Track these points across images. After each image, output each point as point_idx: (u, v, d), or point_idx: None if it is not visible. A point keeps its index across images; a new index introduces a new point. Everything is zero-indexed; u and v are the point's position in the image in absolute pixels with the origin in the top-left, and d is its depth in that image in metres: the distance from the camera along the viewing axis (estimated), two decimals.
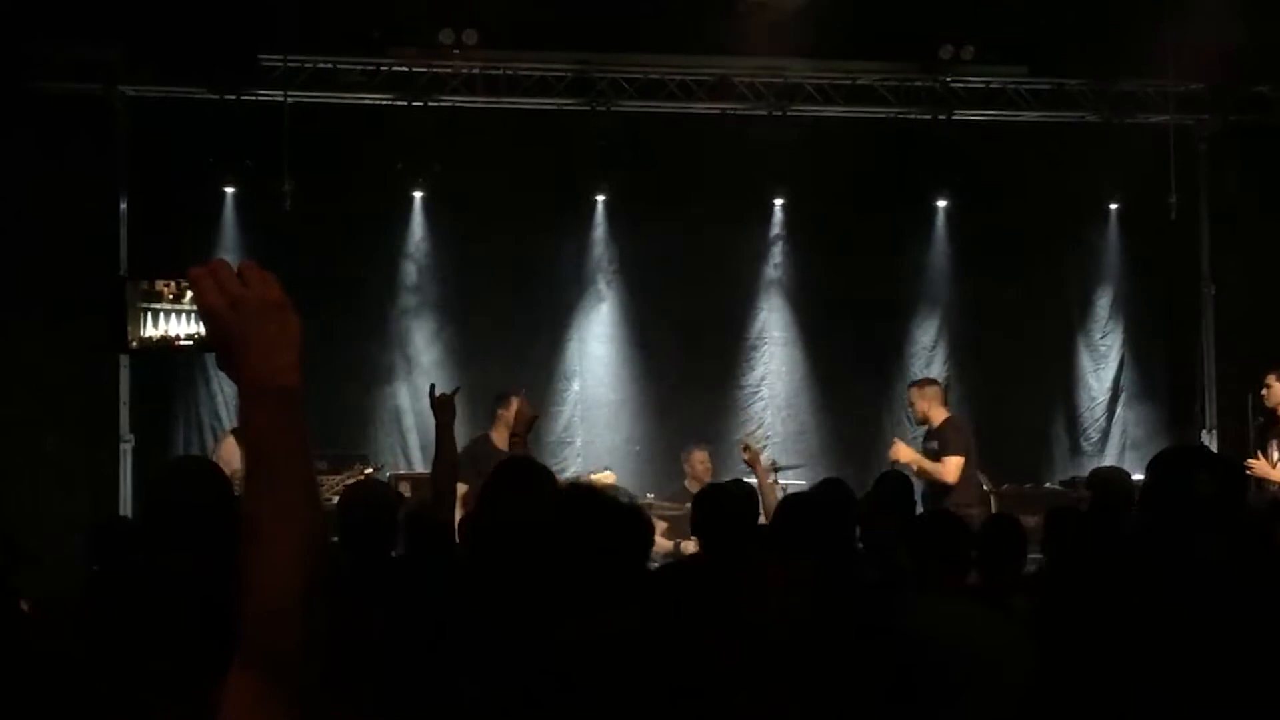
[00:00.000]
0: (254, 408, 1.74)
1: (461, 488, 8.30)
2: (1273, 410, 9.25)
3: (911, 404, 9.91)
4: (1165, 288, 12.47)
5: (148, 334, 1.88)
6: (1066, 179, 11.72)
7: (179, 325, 1.89)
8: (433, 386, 5.92)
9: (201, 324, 1.81)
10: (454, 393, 5.78)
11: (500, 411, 9.27)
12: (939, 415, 9.49)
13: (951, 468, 9.06)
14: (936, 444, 9.30)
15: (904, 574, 4.35)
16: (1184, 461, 2.63)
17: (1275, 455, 9.05)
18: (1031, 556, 5.13)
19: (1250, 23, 10.26)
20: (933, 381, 10.19)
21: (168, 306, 1.90)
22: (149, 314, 1.88)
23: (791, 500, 3.92)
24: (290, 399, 1.75)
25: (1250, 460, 8.91)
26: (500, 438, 8.87)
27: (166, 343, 1.89)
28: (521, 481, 4.19)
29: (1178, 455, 2.73)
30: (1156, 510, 2.52)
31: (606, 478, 9.64)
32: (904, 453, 9.33)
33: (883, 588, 3.77)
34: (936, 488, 9.02)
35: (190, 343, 1.88)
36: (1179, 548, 2.40)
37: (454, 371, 11.49)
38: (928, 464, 9.15)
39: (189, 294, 1.85)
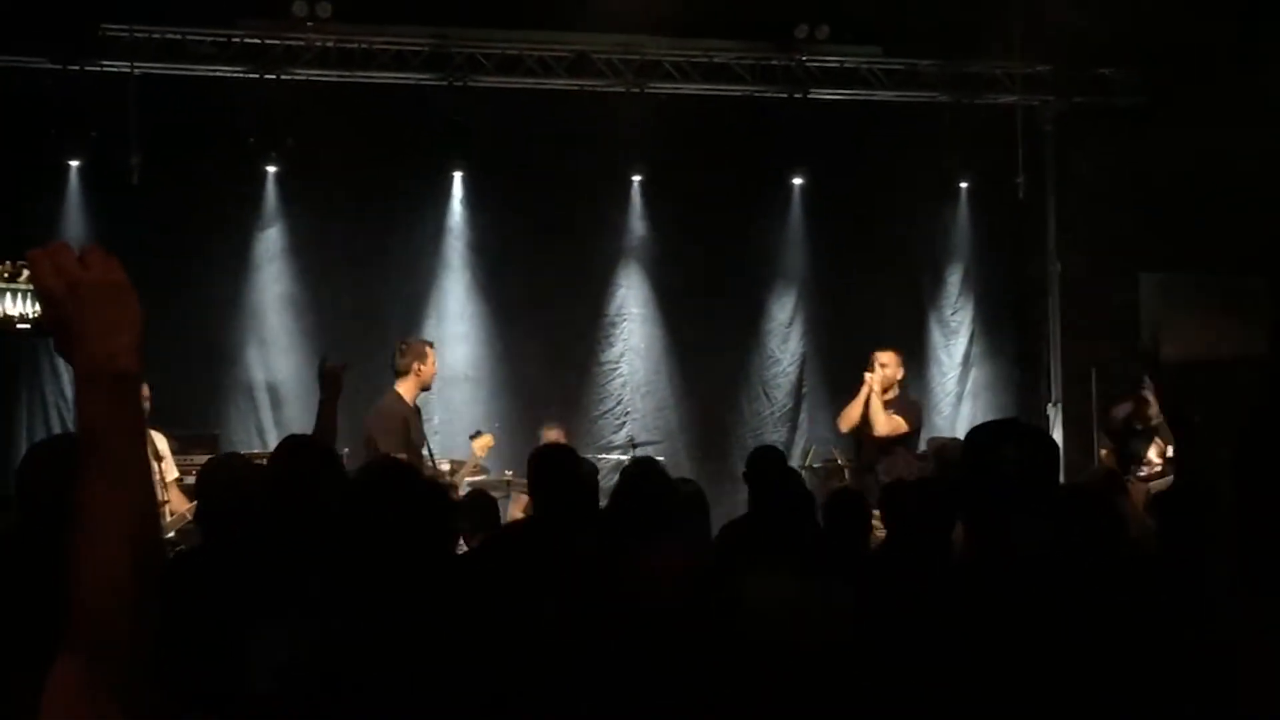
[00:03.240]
0: (88, 393, 1.72)
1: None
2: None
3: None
4: (1013, 265, 12.78)
5: None
6: (918, 158, 11.90)
7: (15, 305, 1.85)
8: (324, 359, 5.74)
9: (39, 305, 1.78)
10: (343, 368, 5.60)
11: (416, 365, 8.89)
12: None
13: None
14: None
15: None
16: (994, 436, 2.70)
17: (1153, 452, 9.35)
18: None
19: (1094, 7, 10.53)
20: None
21: (1, 286, 1.85)
22: None
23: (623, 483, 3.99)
24: (126, 384, 1.73)
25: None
26: (410, 393, 8.76)
27: (3, 323, 1.85)
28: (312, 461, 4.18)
29: (987, 430, 2.80)
30: (969, 486, 2.59)
31: (484, 440, 9.61)
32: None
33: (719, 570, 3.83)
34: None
35: (27, 325, 1.84)
36: (990, 524, 2.47)
37: (308, 348, 11.36)
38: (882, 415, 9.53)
39: (24, 273, 1.81)
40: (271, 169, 11.33)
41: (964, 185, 12.57)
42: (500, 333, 11.75)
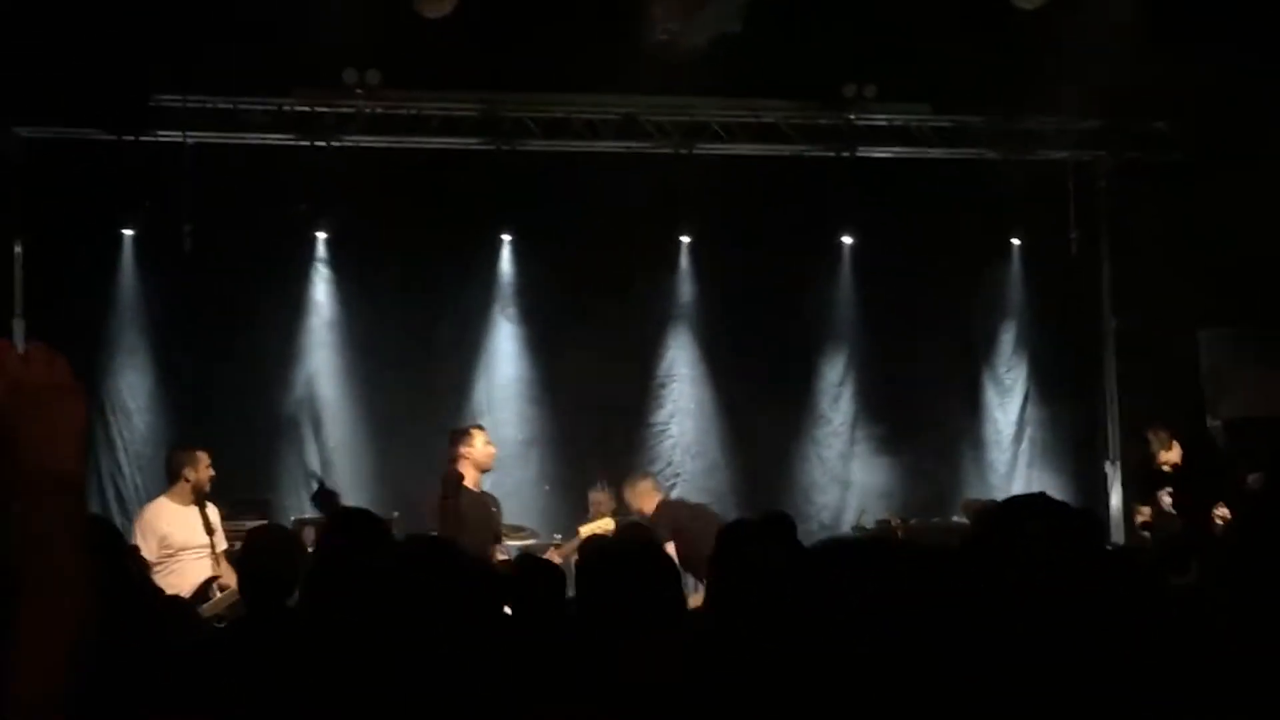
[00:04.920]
0: (30, 499, 1.67)
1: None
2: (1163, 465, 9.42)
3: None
4: (1068, 321, 12.60)
5: None
6: (969, 215, 11.81)
7: None
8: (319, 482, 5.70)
9: None
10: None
11: (463, 450, 8.42)
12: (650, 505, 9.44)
13: None
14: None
15: None
16: (1015, 513, 2.61)
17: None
18: None
19: (1145, 61, 10.43)
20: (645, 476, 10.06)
21: None
22: None
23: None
24: (68, 489, 1.68)
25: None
26: (470, 477, 8.53)
27: None
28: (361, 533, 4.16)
29: (1009, 506, 2.71)
30: (980, 562, 2.51)
31: (605, 525, 9.38)
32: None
33: None
34: None
35: None
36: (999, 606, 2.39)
37: (360, 411, 11.43)
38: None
39: None
40: (322, 235, 11.44)
41: (1016, 242, 12.47)
42: (549, 394, 11.74)
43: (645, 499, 9.58)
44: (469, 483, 8.33)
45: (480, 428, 8.79)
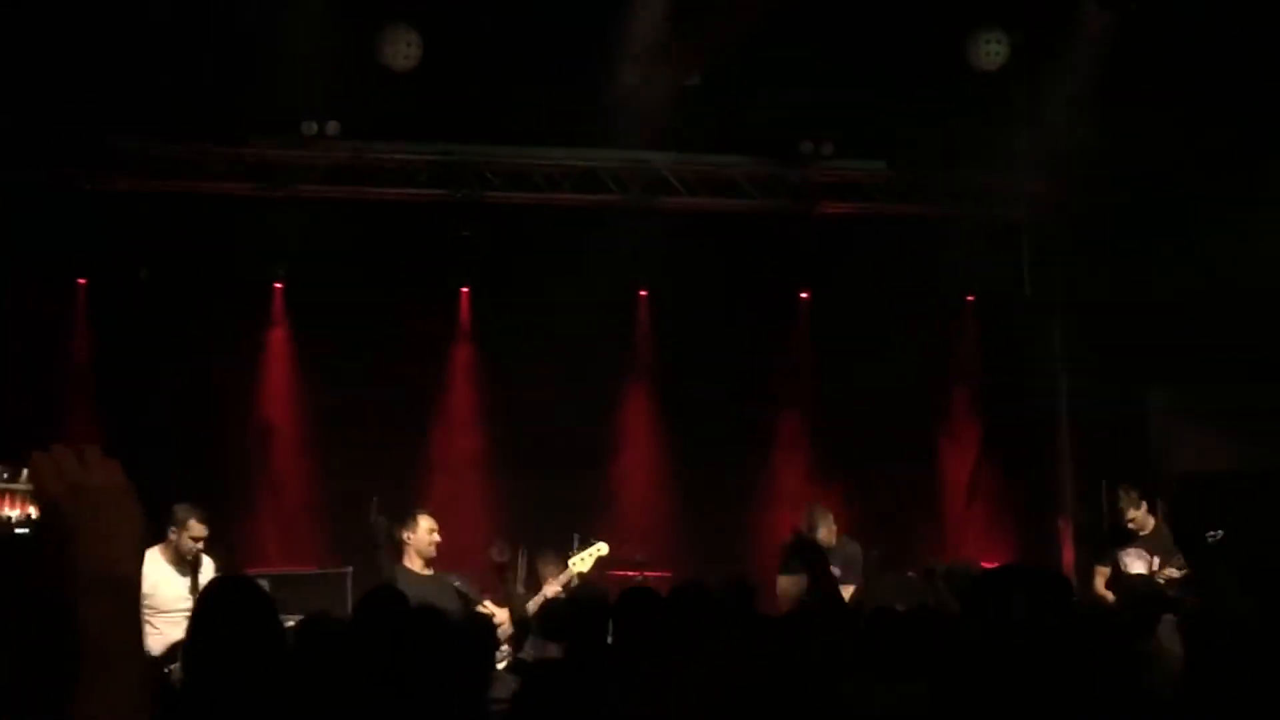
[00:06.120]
0: (88, 598, 1.68)
1: None
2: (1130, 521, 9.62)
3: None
4: (1021, 377, 12.68)
5: None
6: (925, 271, 11.87)
7: (9, 508, 1.81)
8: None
9: (35, 509, 1.75)
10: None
11: (405, 535, 8.39)
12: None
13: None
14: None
15: None
16: (1002, 584, 2.64)
17: (1140, 566, 9.31)
18: None
19: (1099, 123, 10.57)
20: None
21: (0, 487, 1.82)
22: None
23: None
24: (127, 589, 1.70)
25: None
26: (415, 563, 8.37)
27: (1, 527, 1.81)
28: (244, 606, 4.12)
29: (995, 578, 2.74)
30: (974, 636, 2.53)
31: (599, 550, 9.39)
32: None
33: None
34: None
35: (25, 530, 1.80)
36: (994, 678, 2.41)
37: (315, 461, 11.34)
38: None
39: (24, 473, 1.78)
40: (279, 284, 11.37)
41: (970, 299, 12.55)
42: (506, 446, 11.68)
43: (831, 532, 9.94)
44: (415, 567, 8.22)
45: (426, 513, 8.57)
